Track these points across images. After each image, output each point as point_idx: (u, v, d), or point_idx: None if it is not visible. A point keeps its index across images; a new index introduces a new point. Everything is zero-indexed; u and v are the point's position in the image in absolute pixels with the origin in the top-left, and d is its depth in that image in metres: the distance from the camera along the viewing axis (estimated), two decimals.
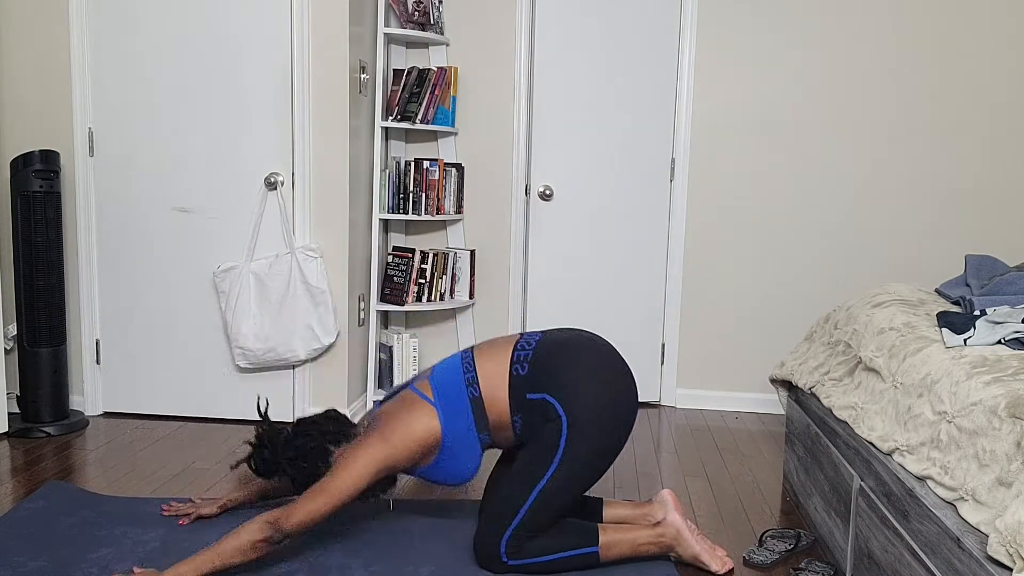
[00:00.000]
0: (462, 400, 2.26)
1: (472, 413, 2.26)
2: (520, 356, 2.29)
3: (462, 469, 2.29)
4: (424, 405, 2.26)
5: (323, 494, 2.10)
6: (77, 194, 3.55)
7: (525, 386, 2.25)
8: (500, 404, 2.26)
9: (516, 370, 2.27)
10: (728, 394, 4.09)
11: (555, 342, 2.31)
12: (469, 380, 2.28)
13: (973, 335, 2.04)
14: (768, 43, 3.89)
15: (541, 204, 3.92)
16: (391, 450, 2.19)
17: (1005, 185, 3.86)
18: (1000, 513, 1.54)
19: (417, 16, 3.84)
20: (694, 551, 2.32)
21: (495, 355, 2.31)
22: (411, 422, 2.22)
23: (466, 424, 2.26)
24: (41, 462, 3.07)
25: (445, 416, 2.25)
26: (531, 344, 2.32)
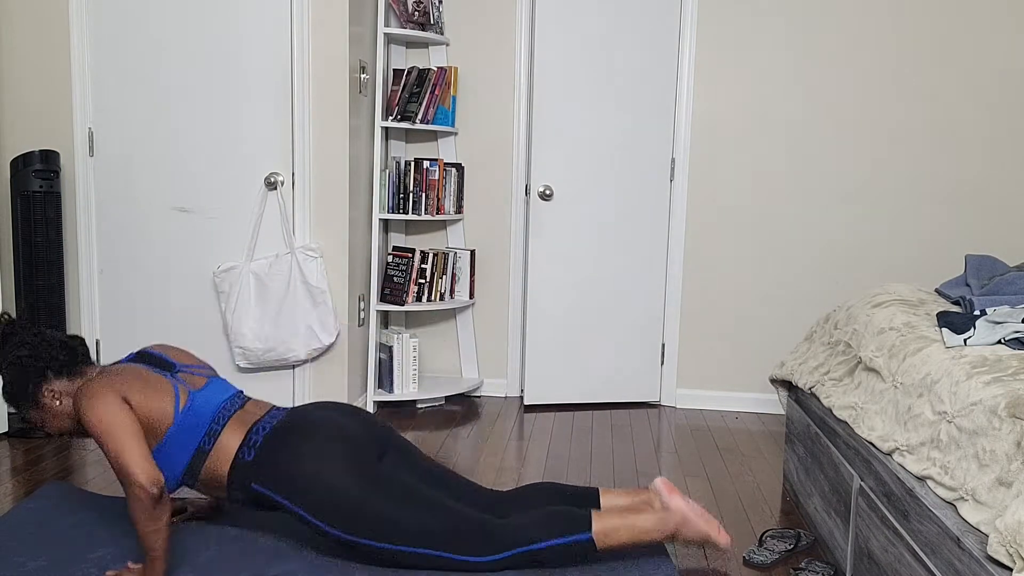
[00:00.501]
0: (192, 443, 2.20)
1: (189, 460, 2.21)
2: (251, 440, 2.24)
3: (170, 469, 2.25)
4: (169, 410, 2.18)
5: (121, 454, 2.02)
6: (77, 194, 3.55)
7: (250, 475, 2.20)
8: (219, 475, 2.23)
9: (243, 453, 2.22)
10: (728, 394, 4.09)
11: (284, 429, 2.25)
12: (212, 432, 2.23)
13: (973, 335, 2.04)
14: (768, 43, 3.89)
15: (541, 204, 3.92)
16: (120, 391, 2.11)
17: (1005, 185, 3.87)
18: (1000, 513, 1.54)
19: (417, 16, 3.84)
20: (702, 531, 2.23)
21: (238, 427, 2.26)
22: (151, 408, 2.15)
23: (179, 460, 2.20)
24: (41, 462, 3.07)
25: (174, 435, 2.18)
26: (265, 429, 2.25)
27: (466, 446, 3.41)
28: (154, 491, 2.02)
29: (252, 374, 3.58)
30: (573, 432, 3.64)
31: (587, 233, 3.97)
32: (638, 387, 4.10)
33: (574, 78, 3.88)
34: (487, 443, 3.45)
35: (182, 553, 2.32)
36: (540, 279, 3.96)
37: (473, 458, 3.26)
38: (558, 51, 3.85)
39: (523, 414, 3.90)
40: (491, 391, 4.20)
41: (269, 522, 2.53)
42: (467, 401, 4.10)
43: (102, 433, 2.06)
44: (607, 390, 4.07)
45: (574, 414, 3.92)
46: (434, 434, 3.55)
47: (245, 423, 2.28)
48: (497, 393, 4.20)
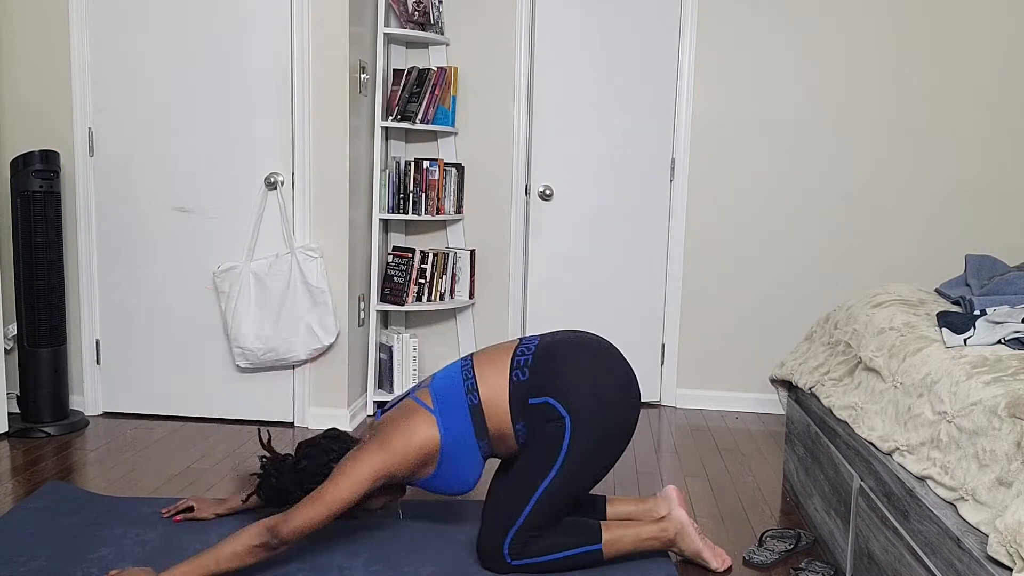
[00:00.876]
0: (461, 408, 2.24)
1: (472, 421, 2.24)
2: (520, 362, 2.28)
3: (463, 478, 2.28)
4: (423, 413, 2.24)
5: (321, 502, 2.09)
6: (77, 194, 3.55)
7: (526, 391, 2.24)
8: (501, 412, 2.25)
9: (516, 376, 2.26)
10: (728, 394, 4.09)
11: (555, 344, 2.30)
12: (469, 387, 2.26)
13: (973, 335, 2.04)
14: (768, 43, 3.89)
15: (541, 204, 3.92)
16: (389, 458, 2.17)
17: (1005, 185, 3.87)
18: (1000, 513, 1.54)
19: (417, 16, 3.84)
20: (696, 547, 2.33)
21: (495, 362, 2.30)
22: (410, 430, 2.21)
23: (466, 432, 2.24)
24: (41, 462, 3.07)
25: (444, 424, 2.23)
26: (530, 349, 2.30)
27: None
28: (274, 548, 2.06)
29: (252, 374, 3.58)
30: None
31: (587, 233, 3.97)
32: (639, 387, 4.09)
33: (574, 78, 3.88)
34: None
35: (182, 553, 2.32)
36: (540, 279, 3.96)
37: None
38: (558, 51, 3.85)
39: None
40: None
41: None
42: None
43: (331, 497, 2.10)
44: None
45: None
46: None
47: (501, 358, 2.31)
48: None
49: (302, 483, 2.31)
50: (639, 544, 2.30)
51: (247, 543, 2.03)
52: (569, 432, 2.19)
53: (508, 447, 2.30)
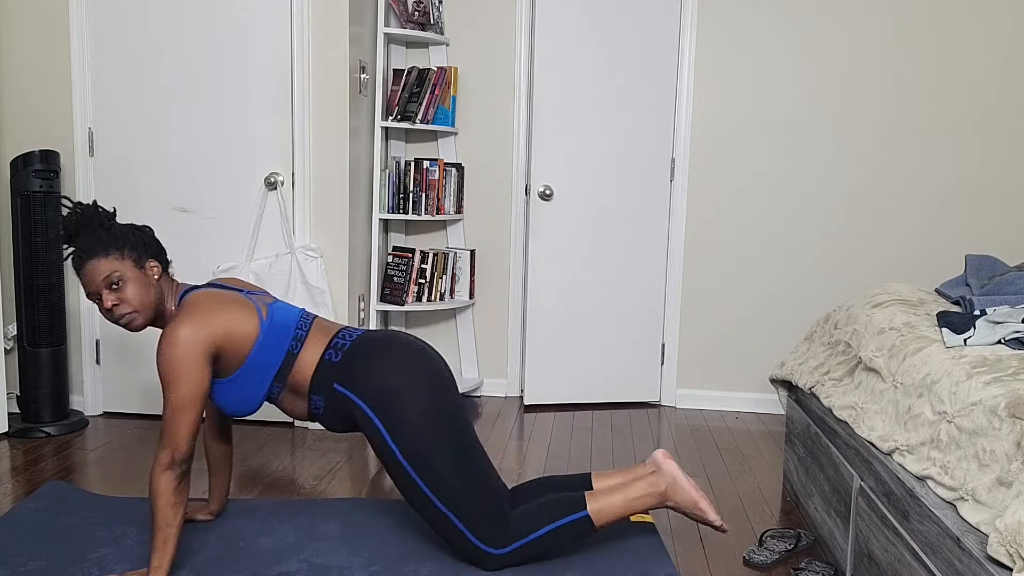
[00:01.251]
0: (283, 344, 2.22)
1: (282, 360, 2.22)
2: (338, 343, 2.26)
3: (240, 401, 2.23)
4: (254, 316, 2.20)
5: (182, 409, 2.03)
6: (77, 194, 3.55)
7: (333, 375, 2.21)
8: (303, 374, 2.23)
9: (329, 355, 2.24)
10: (728, 394, 4.09)
11: (370, 339, 2.28)
12: (298, 336, 2.24)
13: (973, 335, 2.04)
14: (768, 43, 3.89)
15: (541, 204, 3.92)
16: (211, 339, 2.09)
17: (1005, 185, 3.87)
18: (1000, 513, 1.54)
19: (417, 16, 3.84)
20: (692, 497, 2.25)
21: (324, 333, 2.28)
22: (236, 320, 2.16)
23: (271, 362, 2.21)
24: (41, 462, 3.07)
25: (263, 341, 2.19)
26: (351, 336, 2.28)
27: None
28: (184, 467, 2.04)
29: None
30: (573, 432, 3.64)
31: (587, 233, 3.97)
32: (638, 387, 4.10)
33: (574, 78, 3.88)
34: (487, 443, 3.45)
35: (182, 553, 2.32)
36: (540, 279, 3.96)
37: None
38: (558, 51, 3.85)
39: (523, 414, 3.90)
40: (491, 391, 4.20)
41: (269, 523, 2.54)
42: (467, 401, 4.10)
43: (172, 380, 2.04)
44: (607, 390, 4.07)
45: (574, 414, 3.92)
46: None
47: (328, 330, 2.31)
48: (497, 393, 4.20)
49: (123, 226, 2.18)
50: (630, 504, 2.24)
51: (168, 489, 2.02)
52: (385, 432, 2.17)
53: (300, 409, 2.28)
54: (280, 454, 3.23)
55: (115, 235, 2.15)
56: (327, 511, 2.61)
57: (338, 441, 3.41)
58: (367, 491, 2.87)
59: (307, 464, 3.13)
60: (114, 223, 2.19)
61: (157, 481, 2.02)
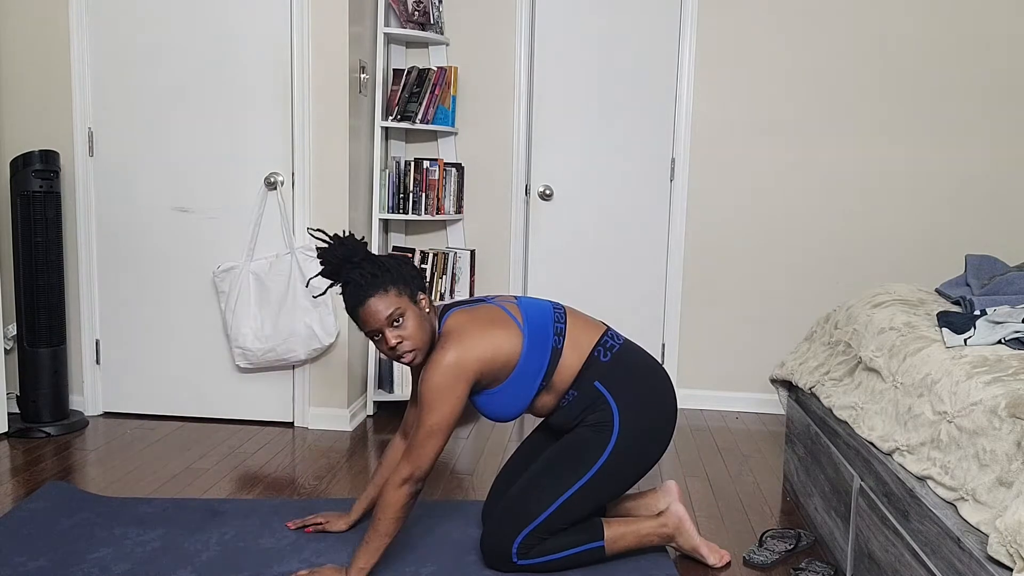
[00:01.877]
0: (547, 344, 2.21)
1: (548, 361, 2.21)
2: (607, 343, 2.28)
3: (508, 407, 2.25)
4: (514, 328, 2.19)
5: (434, 432, 2.06)
6: (77, 194, 3.55)
7: (598, 372, 2.23)
8: (569, 370, 2.23)
9: (599, 351, 2.26)
10: (728, 394, 4.09)
11: (636, 351, 2.34)
12: (558, 330, 2.25)
13: (973, 335, 2.04)
14: (768, 43, 3.89)
15: (541, 204, 3.92)
16: (477, 363, 2.10)
17: (1006, 185, 3.87)
18: (1000, 513, 1.54)
19: (417, 16, 3.84)
20: (694, 543, 2.34)
21: (586, 326, 2.30)
22: (501, 338, 2.16)
23: (538, 366, 2.21)
24: (41, 462, 3.07)
25: (528, 348, 2.19)
26: (618, 340, 2.32)
27: (466, 446, 3.41)
28: (419, 487, 2.08)
29: (252, 374, 3.58)
30: None
31: (587, 233, 3.97)
32: None
33: (574, 78, 3.88)
34: (487, 443, 3.45)
35: (183, 553, 2.32)
36: (540, 279, 3.96)
37: (473, 459, 3.26)
38: (558, 51, 3.85)
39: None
40: None
41: (270, 523, 2.54)
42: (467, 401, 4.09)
43: (432, 404, 2.06)
44: None
45: None
46: None
47: (588, 324, 2.31)
48: None
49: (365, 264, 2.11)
50: (640, 540, 2.31)
51: (399, 504, 2.06)
52: (611, 449, 2.20)
53: (547, 405, 2.28)
54: (280, 454, 3.23)
55: (388, 269, 2.12)
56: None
57: (338, 441, 3.41)
58: None
59: (307, 464, 3.13)
60: (378, 256, 2.17)
61: (392, 493, 2.06)
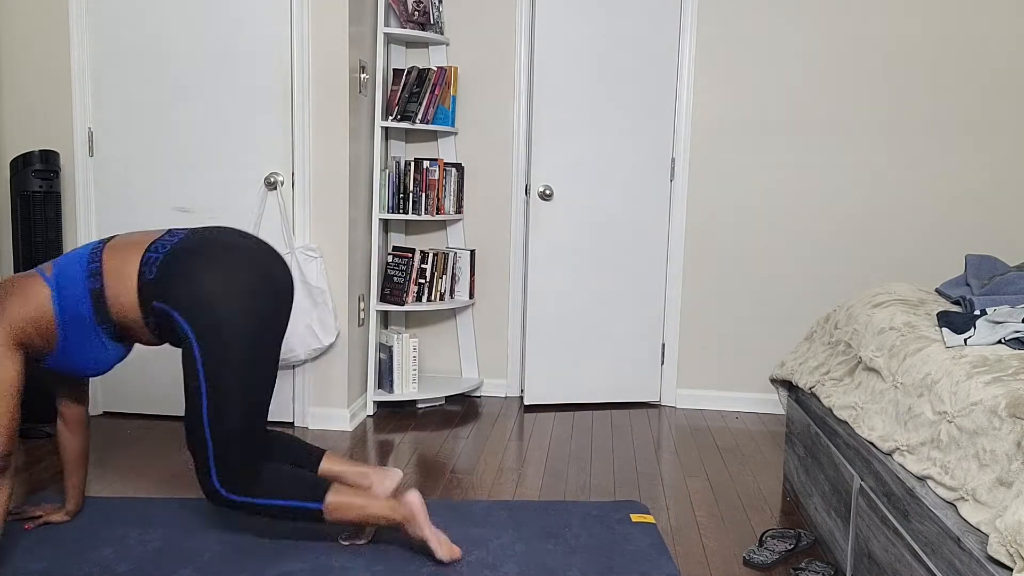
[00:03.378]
0: (80, 290, 2.17)
1: (91, 305, 2.18)
2: (151, 258, 2.20)
3: (92, 359, 2.23)
4: (40, 283, 2.18)
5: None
6: (77, 194, 3.55)
7: (152, 291, 2.17)
8: (128, 305, 2.19)
9: (144, 272, 2.18)
10: (728, 394, 4.09)
11: (189, 246, 2.21)
12: (92, 271, 2.19)
13: (973, 335, 2.04)
14: (768, 43, 3.89)
15: (541, 204, 3.92)
16: (9, 327, 2.10)
17: (1005, 185, 3.87)
18: (1000, 513, 1.54)
19: (417, 16, 3.84)
20: (423, 534, 2.28)
21: (127, 252, 2.22)
22: (25, 296, 2.14)
23: (83, 314, 2.17)
24: (41, 462, 3.07)
25: (60, 299, 2.16)
26: (165, 247, 2.21)
27: (466, 446, 3.41)
28: (1, 463, 2.07)
29: None
30: (573, 432, 3.64)
31: (587, 233, 3.97)
32: (638, 387, 4.10)
33: (574, 78, 3.88)
34: (487, 443, 3.45)
35: (184, 553, 2.32)
36: (540, 279, 3.96)
37: (473, 458, 3.26)
38: (558, 51, 3.85)
39: (523, 414, 3.90)
40: (491, 391, 4.20)
41: (271, 523, 2.54)
42: (467, 401, 4.10)
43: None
44: (607, 390, 4.07)
45: (574, 414, 3.92)
46: (434, 434, 3.55)
47: (137, 245, 2.23)
48: (497, 393, 4.20)
49: None
50: (364, 518, 2.26)
51: None
52: (197, 348, 2.15)
53: (146, 340, 2.26)
54: None
55: None
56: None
57: (338, 441, 3.41)
58: None
59: None
60: None
61: None
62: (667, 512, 2.77)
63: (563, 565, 2.31)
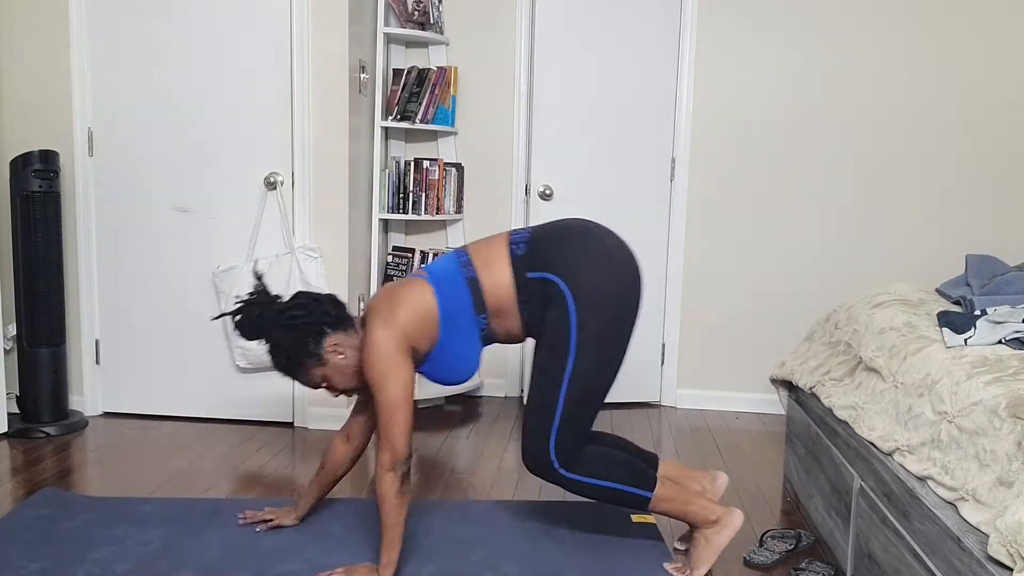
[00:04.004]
0: (458, 280, 2.20)
1: (470, 293, 2.19)
2: (517, 238, 2.25)
3: (463, 359, 2.24)
4: (420, 282, 2.20)
5: (393, 409, 2.08)
6: (77, 194, 3.55)
7: (525, 265, 2.19)
8: (501, 286, 2.20)
9: (514, 250, 2.22)
10: (728, 394, 4.09)
11: (551, 228, 2.29)
12: (464, 262, 2.23)
13: (974, 335, 2.04)
14: (768, 43, 3.89)
15: (541, 204, 3.92)
16: (400, 330, 2.12)
17: (1005, 185, 3.87)
18: (1000, 513, 1.54)
19: (417, 16, 3.84)
20: (713, 550, 2.26)
21: (490, 243, 2.27)
22: (410, 297, 2.17)
23: (463, 303, 2.19)
24: (41, 462, 3.07)
25: (441, 294, 2.18)
26: (527, 232, 2.28)
27: (466, 446, 3.41)
28: (405, 467, 2.09)
29: (252, 374, 3.58)
30: None
31: None
32: (638, 387, 4.10)
33: (574, 78, 3.87)
34: (487, 443, 3.45)
35: (184, 553, 2.32)
36: None
37: (473, 458, 3.26)
38: (558, 51, 3.85)
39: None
40: (491, 391, 4.20)
41: None
42: (467, 401, 4.10)
43: (379, 383, 2.09)
44: None
45: None
46: (434, 434, 3.55)
47: (498, 237, 2.27)
48: (497, 393, 4.20)
49: (285, 326, 2.17)
50: (684, 512, 2.27)
51: (392, 491, 2.07)
52: (574, 312, 2.15)
53: (510, 328, 2.25)
54: (280, 454, 3.23)
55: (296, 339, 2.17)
56: (328, 511, 2.61)
57: None
58: (367, 491, 2.87)
59: (307, 464, 3.13)
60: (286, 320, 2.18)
61: (381, 485, 2.08)
62: None
63: (563, 565, 2.31)
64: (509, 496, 2.88)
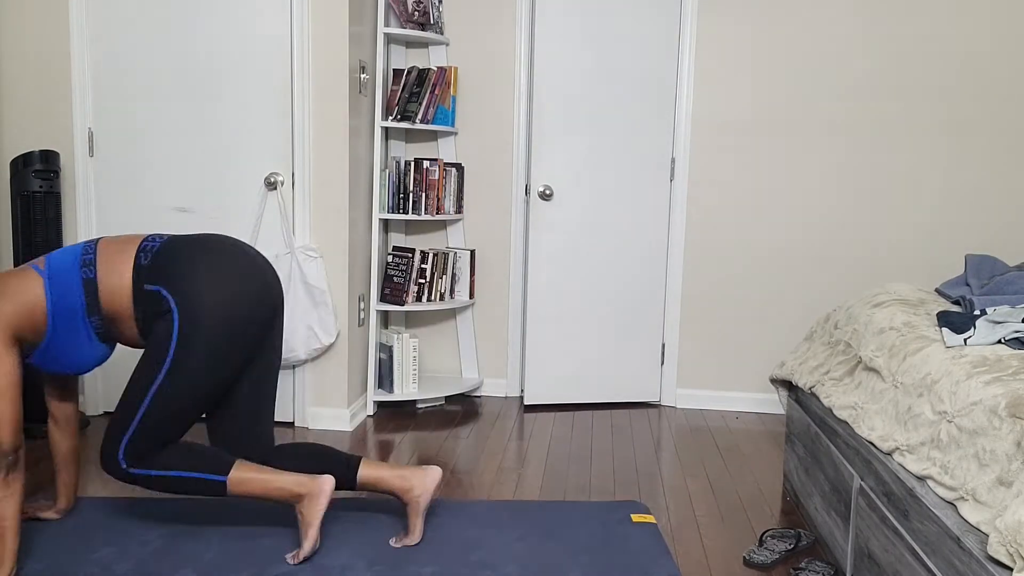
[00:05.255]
0: (74, 279, 2.18)
1: (83, 295, 2.18)
2: (148, 246, 2.23)
3: (76, 355, 2.24)
4: (33, 274, 2.19)
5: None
6: (77, 194, 3.55)
7: (144, 275, 2.19)
8: (119, 293, 2.19)
9: (140, 258, 2.21)
10: (728, 394, 4.09)
11: (185, 238, 2.26)
12: (85, 262, 2.21)
13: (973, 335, 2.04)
14: (768, 43, 3.89)
15: (541, 204, 3.92)
16: (2, 320, 2.10)
17: (1005, 185, 3.87)
18: (1000, 513, 1.54)
19: (417, 16, 3.84)
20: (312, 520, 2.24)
21: (122, 245, 2.24)
22: (17, 287, 2.15)
23: (74, 303, 2.18)
24: (41, 462, 3.07)
25: (52, 289, 2.17)
26: (162, 238, 2.26)
27: (466, 446, 3.41)
28: (11, 457, 2.10)
29: None
30: (573, 432, 3.64)
31: (587, 233, 3.97)
32: (638, 387, 4.10)
33: (574, 78, 3.88)
34: (487, 443, 3.45)
35: (185, 553, 2.32)
36: (540, 279, 3.96)
37: (473, 458, 3.26)
38: (558, 51, 3.85)
39: (523, 414, 3.90)
40: (491, 391, 4.20)
41: (271, 523, 2.54)
42: (467, 401, 4.10)
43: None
44: (607, 390, 4.07)
45: (574, 414, 3.92)
46: (434, 434, 3.55)
47: (133, 238, 2.26)
48: (497, 393, 4.20)
49: None
50: (268, 491, 2.23)
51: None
52: (177, 328, 2.15)
53: (127, 334, 2.25)
54: None
55: None
56: (329, 511, 2.61)
57: (338, 441, 3.41)
58: None
59: None
60: None
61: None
62: (667, 512, 2.77)
63: (563, 565, 2.31)
64: (509, 496, 2.88)
